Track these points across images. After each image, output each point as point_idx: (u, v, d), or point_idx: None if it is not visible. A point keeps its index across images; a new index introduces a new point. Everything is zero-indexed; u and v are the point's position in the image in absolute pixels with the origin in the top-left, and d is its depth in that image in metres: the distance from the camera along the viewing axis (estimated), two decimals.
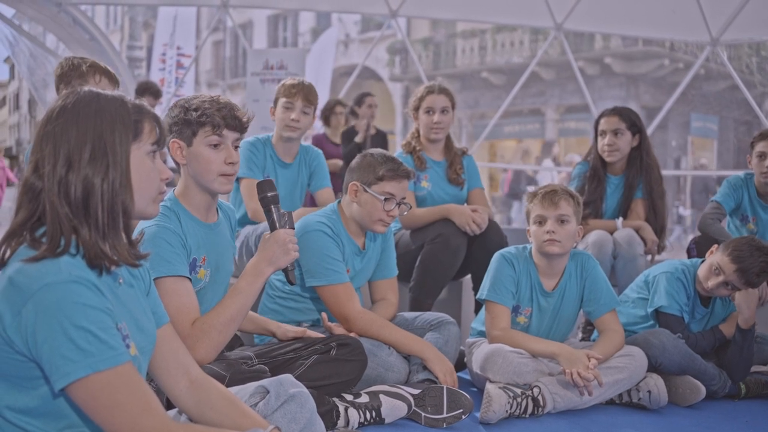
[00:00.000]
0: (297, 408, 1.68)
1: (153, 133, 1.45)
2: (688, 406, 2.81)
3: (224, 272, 2.30)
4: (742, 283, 2.90)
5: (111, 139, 1.37)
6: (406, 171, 2.73)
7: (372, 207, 2.70)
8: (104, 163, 1.36)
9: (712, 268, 2.95)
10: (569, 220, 2.77)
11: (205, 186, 2.18)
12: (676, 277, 3.02)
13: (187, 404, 1.58)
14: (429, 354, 2.61)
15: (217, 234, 2.27)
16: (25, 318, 1.26)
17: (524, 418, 2.57)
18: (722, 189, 3.79)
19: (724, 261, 2.91)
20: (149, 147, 1.44)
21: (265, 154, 3.36)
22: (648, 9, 7.50)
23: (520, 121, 21.10)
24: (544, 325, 2.92)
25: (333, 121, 6.30)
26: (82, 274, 1.30)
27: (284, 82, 3.44)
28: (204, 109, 2.13)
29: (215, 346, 2.08)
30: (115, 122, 1.38)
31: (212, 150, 2.15)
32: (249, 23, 24.87)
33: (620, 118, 3.66)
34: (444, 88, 3.62)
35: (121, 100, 1.43)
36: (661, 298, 2.99)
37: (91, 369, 1.26)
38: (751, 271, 2.86)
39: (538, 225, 2.80)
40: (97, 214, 1.35)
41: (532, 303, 2.89)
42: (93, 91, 1.42)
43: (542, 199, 2.79)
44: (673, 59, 18.72)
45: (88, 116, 1.37)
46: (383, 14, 8.19)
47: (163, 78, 10.51)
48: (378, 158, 2.73)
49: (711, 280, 2.94)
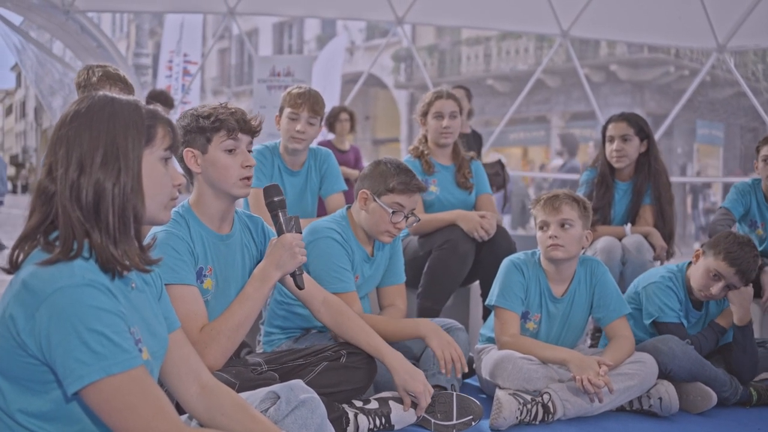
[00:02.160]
0: (308, 413, 1.68)
1: (166, 139, 1.44)
2: (699, 413, 2.79)
3: (234, 284, 2.24)
4: (743, 283, 2.89)
5: (123, 144, 1.37)
6: (418, 185, 2.69)
7: (380, 217, 2.68)
8: (116, 167, 1.36)
9: (710, 274, 2.91)
10: (573, 224, 2.76)
11: (225, 191, 2.17)
12: (665, 285, 3.00)
13: (198, 409, 1.58)
14: (424, 330, 2.53)
15: (228, 246, 2.25)
16: (39, 321, 1.26)
17: (534, 425, 2.56)
18: (730, 195, 3.78)
19: (721, 266, 2.88)
20: (162, 152, 1.43)
21: (273, 163, 3.35)
22: (653, 16, 7.50)
23: (525, 129, 21.10)
24: (553, 331, 2.90)
25: (338, 127, 6.31)
26: (95, 278, 1.30)
27: (290, 90, 3.37)
28: (217, 114, 2.14)
29: (224, 352, 2.07)
30: (128, 127, 1.38)
31: (228, 155, 2.15)
32: (254, 31, 24.97)
33: (628, 123, 3.65)
34: (452, 93, 3.62)
35: (135, 104, 1.42)
36: (655, 309, 2.98)
37: (104, 372, 1.25)
38: (750, 270, 2.87)
39: (542, 230, 2.81)
40: (108, 219, 1.35)
41: (542, 309, 2.88)
42: (107, 95, 1.42)
43: (544, 204, 2.80)
44: (679, 66, 18.70)
45: (101, 120, 1.37)
46: (389, 21, 8.21)
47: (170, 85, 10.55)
48: (391, 168, 2.69)
49: (713, 287, 2.91)
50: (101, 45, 8.37)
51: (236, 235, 2.28)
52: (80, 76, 3.12)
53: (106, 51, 8.29)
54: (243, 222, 2.34)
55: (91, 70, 3.11)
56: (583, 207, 2.81)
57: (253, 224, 2.36)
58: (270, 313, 2.82)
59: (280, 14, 13.36)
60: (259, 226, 2.37)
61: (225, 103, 2.20)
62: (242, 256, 2.28)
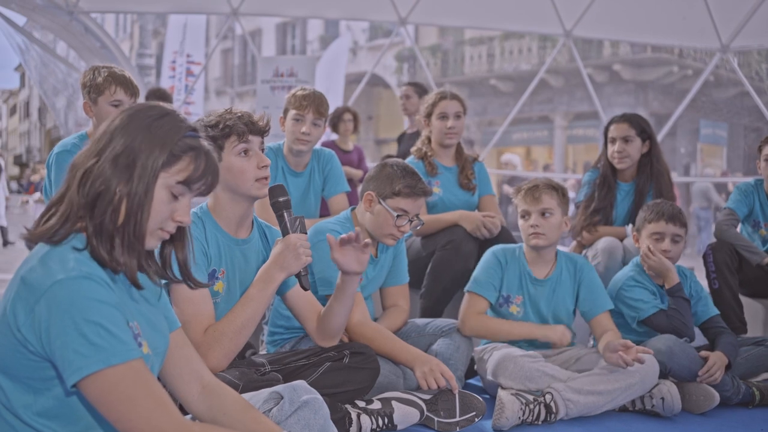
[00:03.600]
0: (311, 414, 1.69)
1: (184, 172, 1.41)
2: (701, 413, 2.79)
3: (245, 288, 2.22)
4: (680, 227, 3.04)
5: (143, 155, 1.37)
6: (423, 189, 2.69)
7: (384, 220, 2.68)
8: (128, 173, 1.36)
9: (653, 240, 3.03)
10: (553, 212, 2.89)
11: (244, 194, 2.18)
12: (631, 284, 3.07)
13: (200, 410, 1.59)
14: (412, 359, 2.48)
15: (245, 250, 2.26)
16: (38, 315, 1.27)
17: (537, 425, 2.57)
18: (733, 195, 3.77)
19: (651, 227, 3.03)
20: (173, 182, 1.41)
21: (277, 164, 3.35)
22: (657, 16, 7.49)
23: (528, 129, 21.08)
24: (538, 315, 2.95)
25: (341, 128, 6.31)
26: (93, 271, 1.31)
27: (294, 92, 3.37)
28: (225, 120, 2.16)
29: (227, 353, 2.08)
30: (154, 142, 1.39)
31: (243, 158, 2.17)
32: (258, 31, 24.99)
33: (630, 124, 3.65)
34: (456, 94, 3.63)
35: (179, 127, 1.42)
36: (633, 309, 3.03)
37: (103, 363, 1.26)
38: (676, 213, 3.03)
39: (524, 219, 2.92)
40: (105, 218, 1.36)
41: (523, 290, 2.95)
42: (165, 109, 1.45)
43: (525, 194, 2.91)
44: (682, 66, 18.67)
45: (139, 126, 1.40)
46: (392, 21, 8.21)
47: (173, 85, 10.55)
48: (398, 171, 2.68)
49: (662, 245, 3.01)
50: (105, 46, 8.38)
51: (254, 241, 2.29)
52: (86, 77, 3.14)
53: (109, 51, 8.31)
54: (261, 231, 2.36)
55: (97, 70, 3.13)
56: (561, 194, 2.92)
57: (269, 233, 2.38)
58: (273, 312, 2.82)
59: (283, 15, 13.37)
60: (274, 235, 2.37)
61: (230, 109, 2.22)
62: (257, 261, 2.29)
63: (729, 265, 3.45)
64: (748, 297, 3.64)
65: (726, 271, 3.45)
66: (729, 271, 3.45)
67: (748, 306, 3.54)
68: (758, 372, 3.09)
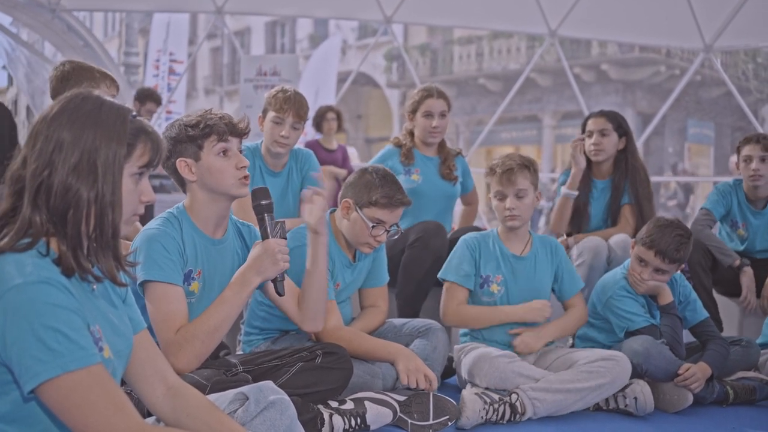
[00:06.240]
0: (277, 415, 1.67)
1: (144, 157, 1.42)
2: (675, 412, 2.80)
3: (220, 288, 2.21)
4: (667, 264, 2.90)
5: (105, 154, 1.35)
6: (401, 200, 2.67)
7: (360, 229, 2.66)
8: (92, 176, 1.34)
9: (638, 261, 2.97)
10: (527, 192, 2.90)
11: (224, 193, 2.19)
12: (622, 294, 2.99)
13: (164, 411, 1.57)
14: (394, 354, 2.51)
15: (220, 250, 2.26)
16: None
17: (502, 424, 2.55)
18: (711, 196, 3.79)
19: (641, 251, 2.95)
20: (135, 169, 1.42)
21: (254, 164, 3.33)
22: (641, 16, 7.52)
23: (516, 128, 21.13)
24: (519, 291, 2.94)
25: (325, 127, 6.32)
26: (50, 275, 1.30)
27: (275, 93, 3.32)
28: (205, 120, 2.17)
29: (198, 355, 2.07)
30: (111, 138, 1.36)
31: (222, 158, 2.17)
32: (247, 30, 24.91)
33: (607, 119, 3.67)
34: (442, 92, 3.63)
35: (123, 116, 1.40)
36: (622, 321, 2.97)
37: (61, 369, 1.24)
38: (669, 250, 2.88)
39: (498, 200, 2.93)
40: (78, 226, 1.34)
41: (502, 269, 2.95)
42: (99, 98, 1.40)
43: (500, 176, 2.91)
44: (670, 66, 18.76)
45: (86, 125, 1.36)
46: (378, 21, 8.21)
47: (157, 84, 10.49)
48: (376, 180, 2.65)
49: (643, 272, 2.95)
50: (88, 44, 8.34)
51: (229, 241, 2.29)
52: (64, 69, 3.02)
53: (92, 50, 8.27)
54: (236, 228, 2.36)
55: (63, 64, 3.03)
56: (533, 170, 2.94)
57: (246, 231, 2.38)
58: (250, 313, 2.81)
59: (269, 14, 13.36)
60: (252, 233, 2.38)
61: (210, 109, 2.23)
62: (233, 261, 2.29)
63: (703, 265, 3.47)
64: (723, 296, 3.66)
65: (700, 270, 3.46)
66: (703, 270, 3.46)
67: (723, 305, 3.56)
68: (733, 371, 3.09)
